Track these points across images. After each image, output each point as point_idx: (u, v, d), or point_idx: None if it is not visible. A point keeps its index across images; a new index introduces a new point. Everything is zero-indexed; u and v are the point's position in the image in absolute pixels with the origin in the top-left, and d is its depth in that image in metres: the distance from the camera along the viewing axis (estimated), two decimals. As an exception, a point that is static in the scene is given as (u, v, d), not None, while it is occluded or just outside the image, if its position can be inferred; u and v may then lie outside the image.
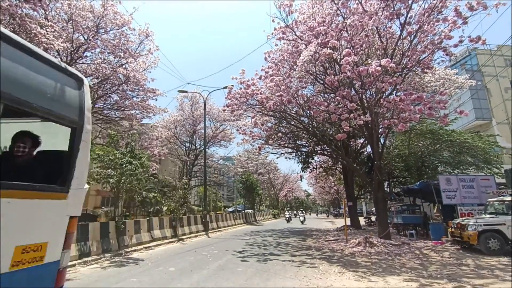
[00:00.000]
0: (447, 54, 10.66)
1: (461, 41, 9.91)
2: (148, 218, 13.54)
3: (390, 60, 8.90)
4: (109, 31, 13.54)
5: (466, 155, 16.45)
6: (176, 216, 15.35)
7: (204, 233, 16.98)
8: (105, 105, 15.19)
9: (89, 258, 8.52)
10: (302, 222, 28.18)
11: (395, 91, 11.70)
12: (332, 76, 10.30)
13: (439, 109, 10.87)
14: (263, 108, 12.93)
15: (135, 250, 10.55)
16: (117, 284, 5.93)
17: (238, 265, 7.78)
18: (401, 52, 10.96)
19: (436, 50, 10.60)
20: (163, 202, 20.26)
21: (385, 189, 15.87)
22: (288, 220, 31.37)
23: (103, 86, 14.31)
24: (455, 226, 10.06)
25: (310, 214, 73.59)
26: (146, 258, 9.25)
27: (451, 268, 7.10)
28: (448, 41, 10.21)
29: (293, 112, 13.63)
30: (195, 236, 15.69)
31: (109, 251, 9.64)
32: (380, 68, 8.75)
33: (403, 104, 9.17)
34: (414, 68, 11.29)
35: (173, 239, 13.78)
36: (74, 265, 7.78)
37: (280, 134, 16.22)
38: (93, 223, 9.98)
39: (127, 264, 8.17)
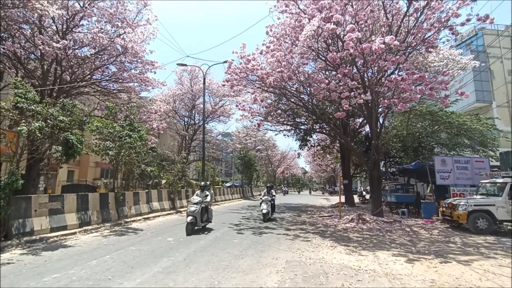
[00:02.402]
0: (453, 33, 10.39)
1: (468, 20, 9.62)
2: (147, 190, 13.81)
3: (394, 38, 8.68)
4: (105, -2, 13.01)
5: (463, 137, 16.53)
6: (174, 189, 15.65)
7: (202, 206, 17.37)
8: (102, 77, 14.94)
9: (89, 227, 8.79)
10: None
11: (397, 70, 11.52)
12: (334, 53, 10.08)
13: (440, 90, 10.76)
14: (263, 84, 12.76)
15: (134, 221, 10.86)
16: (117, 252, 6.18)
17: (234, 237, 8.06)
18: (406, 30, 10.66)
19: (442, 28, 10.31)
20: (161, 175, 20.54)
21: (381, 168, 16.05)
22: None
23: (100, 56, 13.98)
24: (446, 205, 10.34)
25: (302, 191, 73.32)
26: (145, 228, 9.55)
27: (439, 245, 7.40)
28: (455, 19, 9.92)
29: (293, 89, 13.46)
30: (193, 209, 16.06)
31: (109, 221, 9.93)
32: (383, 45, 8.53)
33: (405, 83, 9.06)
34: (418, 47, 11.04)
35: (172, 211, 14.15)
36: (74, 233, 8.05)
37: (279, 111, 16.14)
38: (92, 194, 10.18)
39: (126, 233, 8.45)
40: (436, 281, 4.62)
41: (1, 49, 11.71)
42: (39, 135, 7.20)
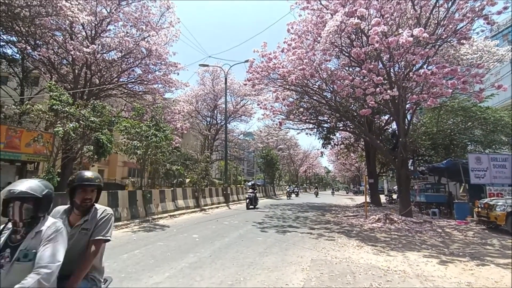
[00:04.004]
0: (488, 23, 9.71)
1: (505, 8, 9.00)
2: (172, 189, 14.18)
3: (423, 30, 8.28)
4: (131, 3, 13.51)
5: (500, 134, 15.48)
6: (198, 188, 15.95)
7: (225, 204, 17.59)
8: (129, 79, 15.54)
9: (120, 223, 9.18)
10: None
11: (426, 65, 10.99)
12: (358, 48, 9.79)
13: (474, 84, 10.13)
14: (284, 83, 12.67)
15: (160, 218, 11.20)
16: (145, 247, 6.39)
17: (257, 235, 8.08)
18: (436, 21, 10.14)
19: (476, 18, 9.69)
20: (185, 174, 21.02)
21: (409, 167, 15.38)
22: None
23: (126, 60, 14.56)
24: (482, 206, 9.73)
25: (324, 190, 71.42)
26: (171, 225, 9.82)
27: (474, 247, 6.98)
28: (491, 8, 9.29)
29: (316, 86, 13.25)
30: (216, 207, 16.32)
31: (137, 218, 10.31)
32: (411, 38, 8.17)
33: (435, 78, 8.61)
34: (449, 39, 10.46)
35: (196, 209, 14.44)
36: (106, 229, 8.42)
37: (301, 109, 15.95)
38: (122, 191, 10.62)
39: (154, 230, 8.73)
40: (473, 284, 4.36)
41: (37, 55, 12.54)
42: (73, 135, 7.61)
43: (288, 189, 31.95)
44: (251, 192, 16.84)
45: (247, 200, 16.48)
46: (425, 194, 14.73)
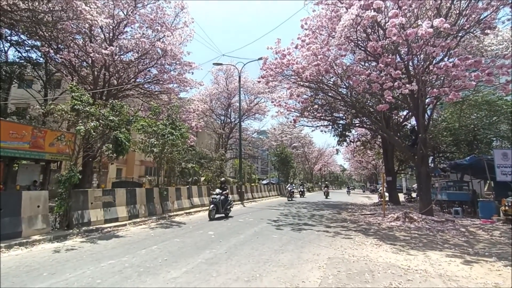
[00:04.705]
0: (515, 11, 9.22)
1: (535, -6, 8.47)
2: (188, 186, 14.38)
3: (444, 20, 7.94)
4: (146, 5, 13.77)
5: (529, 129, 14.70)
6: (213, 185, 16.08)
7: (239, 202, 17.66)
8: (145, 79, 15.86)
9: (138, 220, 9.40)
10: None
11: (447, 57, 10.55)
12: (375, 42, 9.52)
13: (500, 76, 9.62)
14: (299, 79, 12.53)
15: (177, 215, 11.38)
16: (163, 243, 6.50)
17: (273, 233, 8.05)
18: (458, 11, 9.70)
19: (502, 6, 9.21)
20: (200, 173, 21.27)
21: (429, 164, 14.83)
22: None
23: (142, 60, 14.85)
24: (510, 204, 9.26)
25: (340, 188, 69.82)
26: (187, 222, 9.95)
27: (501, 247, 6.64)
28: (518, -5, 8.79)
29: (331, 82, 13.03)
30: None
31: (154, 215, 10.51)
32: (431, 30, 7.85)
33: (457, 70, 8.25)
34: (472, 29, 9.99)
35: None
36: (125, 225, 8.66)
37: (316, 106, 15.74)
38: (139, 189, 10.86)
39: (171, 226, 8.87)
40: (501, 285, 4.15)
41: (59, 58, 13.02)
42: (94, 134, 7.84)
43: (289, 188, 23.61)
44: (216, 194, 11.11)
45: (211, 205, 10.65)
46: (447, 192, 14.19)
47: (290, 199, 22.70)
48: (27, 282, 3.94)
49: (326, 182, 30.56)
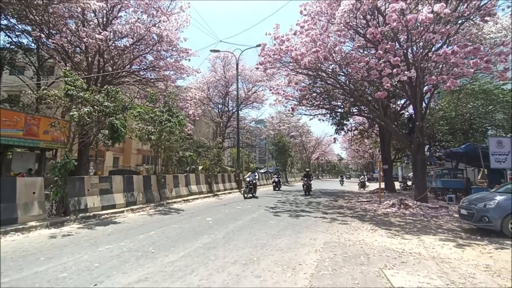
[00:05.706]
0: (515, -3, 9.11)
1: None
2: (185, 174, 14.39)
3: (444, 6, 7.83)
4: (140, -12, 13.37)
5: (524, 118, 14.79)
6: (211, 173, 16.12)
7: (237, 190, 17.76)
8: (141, 66, 15.58)
9: (135, 207, 9.42)
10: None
11: (446, 44, 10.46)
12: (374, 28, 9.39)
13: (498, 63, 9.58)
14: (297, 66, 12.39)
15: (174, 202, 11.43)
16: (161, 229, 6.54)
17: (270, 219, 8.12)
18: (459, -3, 9.56)
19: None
20: (198, 161, 21.28)
21: (425, 152, 14.93)
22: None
23: (138, 46, 14.54)
24: (502, 191, 9.38)
25: (337, 177, 68.13)
26: (185, 209, 10.00)
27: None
28: (520, -20, 8.65)
29: (329, 70, 12.91)
30: (229, 193, 16.49)
31: (152, 202, 10.54)
32: (432, 15, 7.75)
33: (456, 57, 8.19)
34: (472, 16, 9.87)
35: (209, 194, 14.65)
36: (122, 211, 8.68)
37: (314, 94, 15.65)
38: (136, 176, 10.86)
39: (169, 213, 8.91)
40: (492, 266, 4.24)
41: (51, 43, 12.69)
42: (88, 119, 7.74)
43: (275, 178, 21.52)
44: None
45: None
46: (441, 180, 14.37)
47: (276, 188, 20.70)
48: (24, 266, 3.94)
49: (307, 169, 20.87)
